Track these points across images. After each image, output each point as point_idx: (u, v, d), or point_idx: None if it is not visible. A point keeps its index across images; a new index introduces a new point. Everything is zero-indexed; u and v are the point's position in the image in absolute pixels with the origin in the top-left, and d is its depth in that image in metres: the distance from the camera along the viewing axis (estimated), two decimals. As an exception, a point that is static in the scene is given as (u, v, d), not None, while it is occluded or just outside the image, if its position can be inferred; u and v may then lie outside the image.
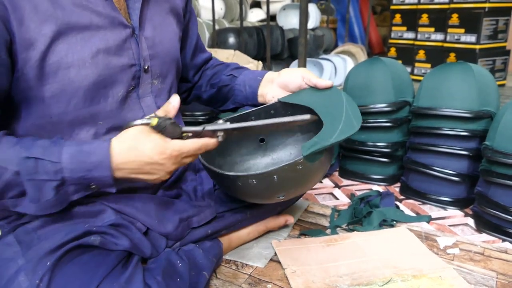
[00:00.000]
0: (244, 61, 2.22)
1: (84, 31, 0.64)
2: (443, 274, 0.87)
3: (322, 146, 0.71)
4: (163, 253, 0.76)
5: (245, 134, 0.93)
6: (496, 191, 1.06)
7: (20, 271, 0.60)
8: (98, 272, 0.63)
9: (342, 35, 4.17)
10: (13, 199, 0.61)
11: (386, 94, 1.33)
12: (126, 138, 0.63)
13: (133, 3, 0.72)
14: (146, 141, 0.62)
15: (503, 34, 2.78)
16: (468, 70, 1.19)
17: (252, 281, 0.87)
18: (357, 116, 0.77)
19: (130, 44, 0.71)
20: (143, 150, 0.62)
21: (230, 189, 0.80)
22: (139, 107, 0.75)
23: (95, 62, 0.65)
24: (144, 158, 0.62)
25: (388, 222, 1.10)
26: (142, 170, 0.64)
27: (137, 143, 0.62)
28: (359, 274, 0.87)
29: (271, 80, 0.89)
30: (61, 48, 0.62)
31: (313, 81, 0.84)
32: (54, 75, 0.62)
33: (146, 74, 0.74)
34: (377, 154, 1.37)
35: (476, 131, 1.17)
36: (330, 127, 0.75)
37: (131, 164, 0.63)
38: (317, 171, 0.77)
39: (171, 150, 0.64)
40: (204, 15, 3.28)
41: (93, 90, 0.66)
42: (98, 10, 0.66)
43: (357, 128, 0.74)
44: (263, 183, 0.72)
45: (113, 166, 0.62)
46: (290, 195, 0.80)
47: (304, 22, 1.63)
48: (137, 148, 0.62)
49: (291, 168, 0.71)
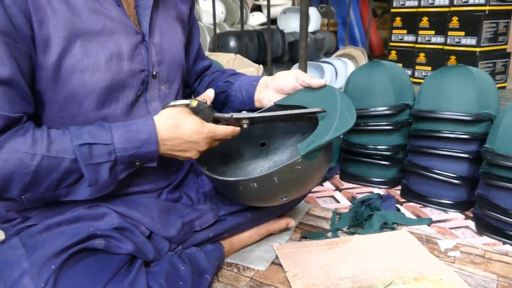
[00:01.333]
0: (245, 65, 2.23)
1: (99, 36, 0.66)
2: (444, 276, 0.87)
3: (318, 143, 0.72)
4: (165, 257, 0.77)
5: (245, 139, 0.93)
6: (496, 194, 1.06)
7: (25, 274, 0.61)
8: (102, 276, 0.63)
9: (342, 38, 4.18)
10: (67, 188, 0.65)
11: (386, 97, 1.34)
12: (168, 116, 0.70)
13: (143, 10, 0.74)
14: (186, 121, 0.70)
15: (504, 37, 2.79)
16: (468, 73, 1.19)
17: (253, 284, 0.87)
18: (351, 111, 0.78)
19: (141, 50, 0.73)
20: (184, 128, 0.69)
21: (233, 195, 0.81)
22: (146, 111, 0.76)
23: (109, 67, 0.67)
24: (184, 136, 0.70)
25: (389, 225, 1.11)
26: (179, 147, 0.71)
27: (178, 121, 0.69)
28: (360, 277, 0.87)
29: (266, 85, 0.90)
30: (77, 52, 0.64)
31: (307, 81, 0.85)
32: (69, 77, 0.64)
33: (154, 79, 0.76)
34: (377, 157, 1.38)
35: (476, 134, 1.17)
36: (326, 125, 0.76)
37: (172, 140, 0.70)
38: (317, 169, 0.78)
39: (207, 131, 0.72)
40: (205, 19, 3.29)
41: (105, 94, 0.69)
42: (112, 16, 0.68)
43: (351, 123, 0.75)
44: (264, 185, 0.73)
45: (159, 141, 0.68)
46: (292, 196, 0.81)
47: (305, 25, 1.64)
48: (178, 126, 0.69)
49: (291, 168, 0.72)
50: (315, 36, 3.41)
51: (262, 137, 0.95)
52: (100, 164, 0.64)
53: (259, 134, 0.94)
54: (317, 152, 0.73)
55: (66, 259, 0.63)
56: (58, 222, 0.69)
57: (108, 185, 0.68)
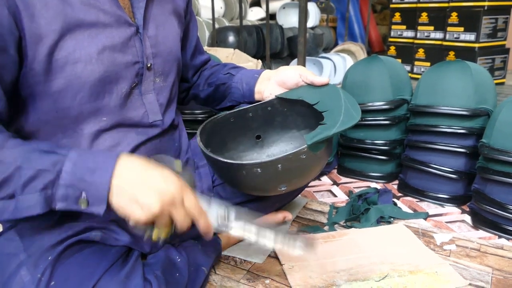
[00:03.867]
0: (243, 60, 2.23)
1: (91, 28, 0.66)
2: (439, 269, 0.88)
3: (325, 135, 0.73)
4: (162, 249, 0.77)
5: (242, 130, 0.94)
6: (492, 188, 1.07)
7: (21, 266, 0.61)
8: (98, 267, 0.64)
9: (342, 34, 4.18)
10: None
11: (384, 92, 1.34)
12: (138, 160, 0.60)
13: (137, 3, 0.74)
14: (159, 168, 0.60)
15: (503, 33, 2.79)
16: (465, 68, 1.20)
17: (250, 276, 0.88)
18: (356, 108, 0.79)
19: (134, 42, 0.72)
20: (154, 170, 0.59)
21: (233, 181, 0.81)
22: (141, 103, 0.76)
23: (101, 59, 0.67)
24: (152, 171, 0.58)
25: (386, 219, 1.11)
26: (140, 187, 0.57)
27: (148, 166, 0.59)
28: (356, 270, 0.88)
29: (268, 78, 0.91)
30: (69, 44, 0.64)
31: (310, 78, 0.85)
32: (61, 70, 0.64)
33: (149, 71, 0.76)
34: (375, 152, 1.38)
35: (473, 129, 1.18)
36: (331, 119, 0.77)
37: (134, 171, 0.58)
38: (318, 161, 0.79)
39: (183, 183, 0.60)
40: (204, 14, 3.29)
41: (99, 86, 0.68)
42: (104, 9, 0.68)
43: (357, 119, 0.77)
44: (267, 172, 0.73)
45: (115, 171, 0.57)
46: (291, 186, 0.81)
47: (304, 20, 1.64)
48: (147, 170, 0.58)
49: (295, 157, 0.72)
50: (314, 31, 3.40)
51: (258, 130, 0.95)
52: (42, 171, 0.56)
53: (256, 126, 0.95)
54: (321, 144, 0.74)
55: (63, 250, 0.63)
56: (54, 213, 0.69)
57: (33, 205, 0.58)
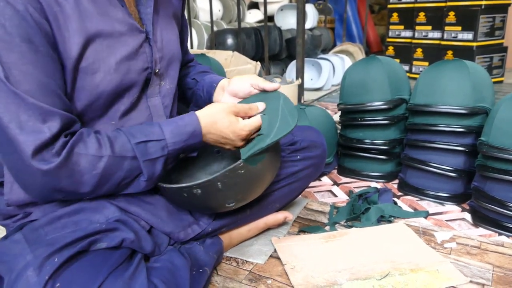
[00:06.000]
0: (242, 62, 2.23)
1: (108, 38, 0.68)
2: (440, 267, 0.88)
3: (259, 148, 0.73)
4: (165, 250, 0.78)
5: None
6: (492, 186, 1.07)
7: (28, 266, 0.62)
8: (103, 269, 0.64)
9: (340, 35, 4.19)
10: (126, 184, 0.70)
11: (382, 92, 1.35)
12: (207, 114, 0.75)
13: (144, 9, 0.76)
14: (224, 120, 0.75)
15: (500, 31, 2.80)
16: (463, 67, 1.20)
17: (252, 277, 0.88)
18: (292, 114, 0.78)
19: (145, 48, 0.75)
20: (222, 127, 0.75)
21: (179, 203, 0.81)
22: (146, 106, 0.78)
23: (118, 68, 0.70)
24: (221, 133, 0.76)
25: (386, 218, 1.12)
26: (218, 141, 0.78)
27: (216, 119, 0.75)
28: (358, 269, 0.88)
29: (222, 88, 0.93)
30: (89, 55, 0.66)
31: (261, 85, 0.87)
32: (81, 81, 0.67)
33: (156, 75, 0.77)
34: (374, 151, 1.39)
35: (472, 127, 1.18)
36: (268, 128, 0.77)
37: (212, 135, 0.76)
38: (263, 172, 0.78)
39: (240, 129, 0.76)
40: (202, 16, 3.30)
41: (114, 94, 0.71)
42: (118, 18, 0.70)
43: (292, 126, 0.75)
44: (207, 191, 0.73)
45: (202, 133, 0.74)
46: (240, 201, 0.80)
47: (302, 22, 1.65)
48: (217, 123, 0.75)
49: (233, 173, 0.72)
50: (312, 32, 3.42)
51: None
52: (156, 159, 0.70)
53: None
54: (260, 156, 0.74)
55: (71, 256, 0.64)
56: (59, 216, 0.70)
57: (160, 177, 0.73)
